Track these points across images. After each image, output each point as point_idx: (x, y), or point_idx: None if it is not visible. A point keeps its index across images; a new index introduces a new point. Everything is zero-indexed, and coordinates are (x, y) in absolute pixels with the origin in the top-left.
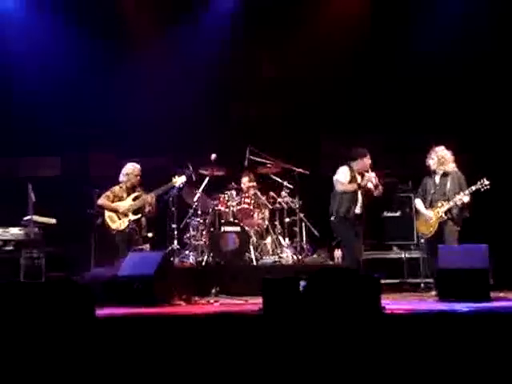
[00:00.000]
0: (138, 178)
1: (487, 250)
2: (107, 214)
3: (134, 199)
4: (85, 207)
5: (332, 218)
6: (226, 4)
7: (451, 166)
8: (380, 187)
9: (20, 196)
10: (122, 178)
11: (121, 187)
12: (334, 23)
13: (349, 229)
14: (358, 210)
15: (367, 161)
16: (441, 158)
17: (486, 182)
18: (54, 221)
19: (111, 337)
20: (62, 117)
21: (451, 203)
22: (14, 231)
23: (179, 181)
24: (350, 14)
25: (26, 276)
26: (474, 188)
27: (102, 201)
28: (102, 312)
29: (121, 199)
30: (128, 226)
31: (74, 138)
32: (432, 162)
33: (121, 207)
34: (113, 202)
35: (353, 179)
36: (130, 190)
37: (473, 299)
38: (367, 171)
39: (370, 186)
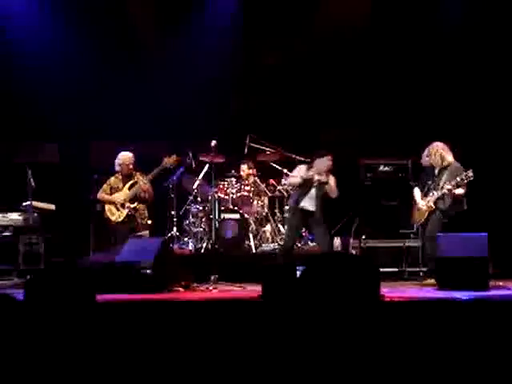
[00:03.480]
0: (131, 166)
1: (486, 239)
2: (107, 206)
3: (129, 188)
4: (84, 193)
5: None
6: None
7: (449, 159)
8: (333, 188)
9: (19, 181)
10: (116, 167)
11: (116, 177)
12: (336, 13)
13: (292, 219)
14: (309, 207)
15: (327, 162)
16: (439, 156)
17: (470, 174)
18: (53, 206)
19: (109, 322)
20: (62, 103)
21: (439, 193)
22: (13, 216)
23: (170, 161)
24: (353, 6)
25: (25, 262)
26: (458, 179)
27: (99, 195)
28: (99, 297)
29: (117, 190)
30: (126, 216)
31: (74, 125)
32: (433, 161)
33: (117, 199)
34: (111, 193)
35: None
36: (126, 179)
37: (472, 288)
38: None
39: (316, 178)
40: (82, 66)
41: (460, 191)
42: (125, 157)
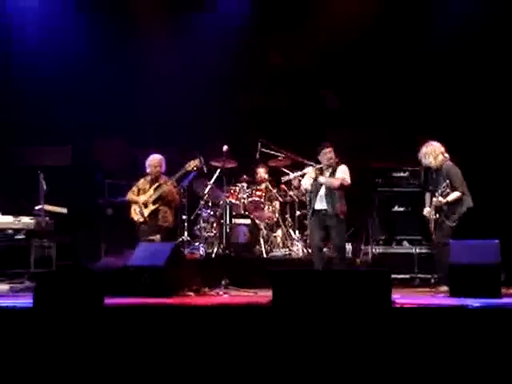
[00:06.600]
0: (158, 168)
1: (498, 246)
2: (133, 207)
3: (154, 189)
4: (95, 197)
5: None
6: None
7: (439, 160)
8: (328, 182)
9: (30, 185)
10: (147, 169)
11: (145, 179)
12: (342, 12)
13: (310, 223)
14: (320, 206)
15: (328, 154)
16: (428, 156)
17: (444, 185)
18: (65, 210)
19: (120, 326)
20: (73, 106)
21: (434, 203)
22: (25, 220)
23: (192, 164)
24: (359, 5)
25: (37, 265)
26: (442, 189)
27: (128, 196)
28: (111, 301)
29: (144, 191)
30: (147, 216)
31: (85, 128)
32: (423, 161)
33: (140, 199)
34: (138, 194)
35: (319, 174)
36: (153, 181)
37: (484, 295)
38: (330, 163)
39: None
40: (93, 69)
41: (454, 196)
42: (153, 159)
